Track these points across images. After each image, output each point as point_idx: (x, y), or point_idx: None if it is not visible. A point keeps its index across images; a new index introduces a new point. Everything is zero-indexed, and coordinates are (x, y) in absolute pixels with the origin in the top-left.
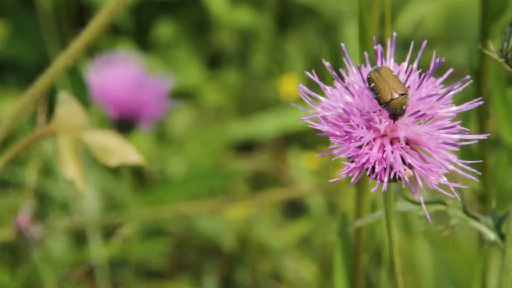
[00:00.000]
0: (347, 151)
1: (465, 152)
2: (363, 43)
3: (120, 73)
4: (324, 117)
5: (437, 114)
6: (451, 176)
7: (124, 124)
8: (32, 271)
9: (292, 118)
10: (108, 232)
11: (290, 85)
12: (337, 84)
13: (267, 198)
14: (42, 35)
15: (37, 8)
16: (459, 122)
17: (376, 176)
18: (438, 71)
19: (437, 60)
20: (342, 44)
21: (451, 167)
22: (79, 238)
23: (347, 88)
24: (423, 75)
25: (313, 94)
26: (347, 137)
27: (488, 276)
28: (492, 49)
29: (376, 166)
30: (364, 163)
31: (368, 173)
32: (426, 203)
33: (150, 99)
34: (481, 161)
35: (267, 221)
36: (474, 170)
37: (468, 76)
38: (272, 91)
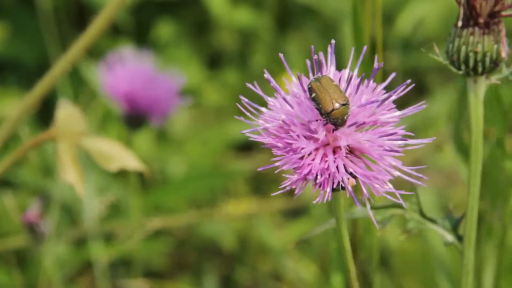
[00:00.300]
0: (289, 163)
1: (459, 148)
2: (356, 45)
3: (131, 70)
4: (266, 129)
5: (379, 120)
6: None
7: (135, 120)
8: (35, 270)
9: None
10: (109, 232)
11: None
12: (278, 94)
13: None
14: (42, 35)
15: (37, 8)
16: (402, 127)
17: (320, 185)
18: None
19: (377, 66)
20: (280, 54)
21: (397, 173)
22: (79, 238)
23: (284, 99)
24: (365, 81)
25: (254, 105)
26: (288, 148)
27: (483, 274)
28: (437, 52)
29: (318, 176)
30: (307, 174)
31: (311, 184)
32: (382, 207)
33: (162, 95)
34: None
35: (267, 221)
36: (420, 175)
37: (409, 80)
38: (272, 91)
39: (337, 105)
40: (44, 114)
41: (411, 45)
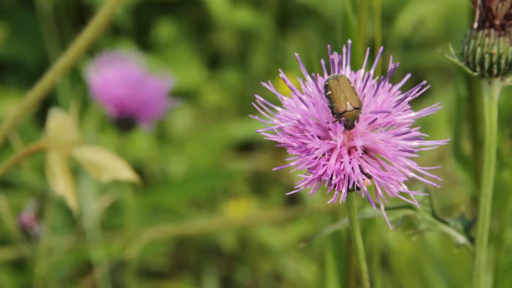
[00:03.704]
0: (304, 163)
1: (458, 156)
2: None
3: (121, 72)
4: (281, 128)
5: (394, 121)
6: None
7: (124, 123)
8: (33, 270)
9: None
10: (108, 232)
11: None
12: (293, 94)
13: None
14: (42, 35)
15: (37, 8)
16: (417, 128)
17: (335, 186)
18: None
19: (392, 66)
20: (296, 54)
21: (412, 174)
22: (79, 238)
23: (300, 98)
24: (379, 81)
25: (271, 104)
26: (303, 148)
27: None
28: (453, 53)
29: (333, 177)
30: (322, 175)
31: (326, 184)
32: (395, 208)
33: (151, 98)
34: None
35: (267, 221)
36: (435, 177)
37: (425, 81)
38: (272, 95)
39: (350, 107)
40: (44, 115)
41: (411, 44)
